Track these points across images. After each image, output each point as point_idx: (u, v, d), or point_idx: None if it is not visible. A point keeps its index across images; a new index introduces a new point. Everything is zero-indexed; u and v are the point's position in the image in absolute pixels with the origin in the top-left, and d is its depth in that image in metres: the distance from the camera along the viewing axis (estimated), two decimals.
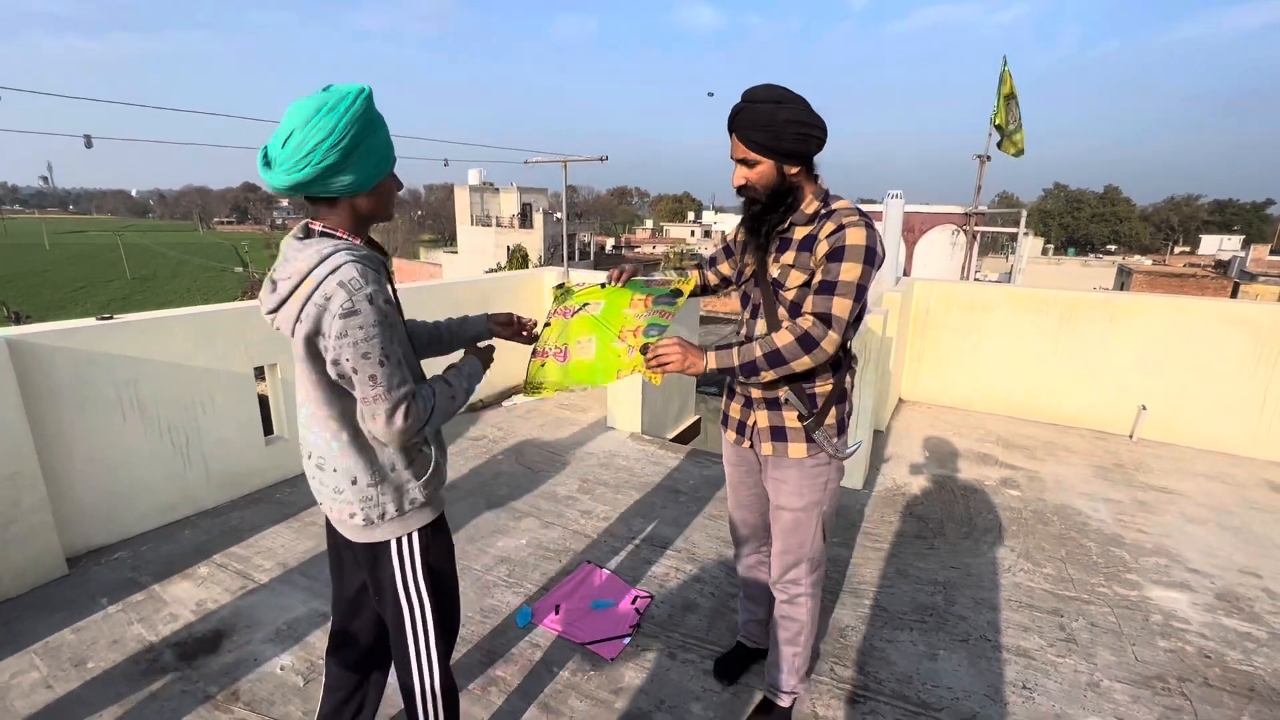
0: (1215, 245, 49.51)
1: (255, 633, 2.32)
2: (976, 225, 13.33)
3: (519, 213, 40.43)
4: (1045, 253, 45.52)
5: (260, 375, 3.43)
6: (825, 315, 1.53)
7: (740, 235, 1.80)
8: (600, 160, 5.57)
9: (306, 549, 2.87)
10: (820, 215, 1.60)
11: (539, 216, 37.72)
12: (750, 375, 1.60)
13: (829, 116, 1.56)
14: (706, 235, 62.14)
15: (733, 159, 1.61)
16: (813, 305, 1.55)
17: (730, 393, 1.88)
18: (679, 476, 3.74)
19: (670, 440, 4.48)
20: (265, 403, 3.51)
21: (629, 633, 2.37)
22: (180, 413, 3.04)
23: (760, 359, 1.57)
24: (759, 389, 1.74)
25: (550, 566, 2.80)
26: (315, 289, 1.18)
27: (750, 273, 1.76)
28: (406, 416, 1.25)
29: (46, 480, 2.56)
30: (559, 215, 35.90)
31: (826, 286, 1.54)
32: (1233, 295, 23.13)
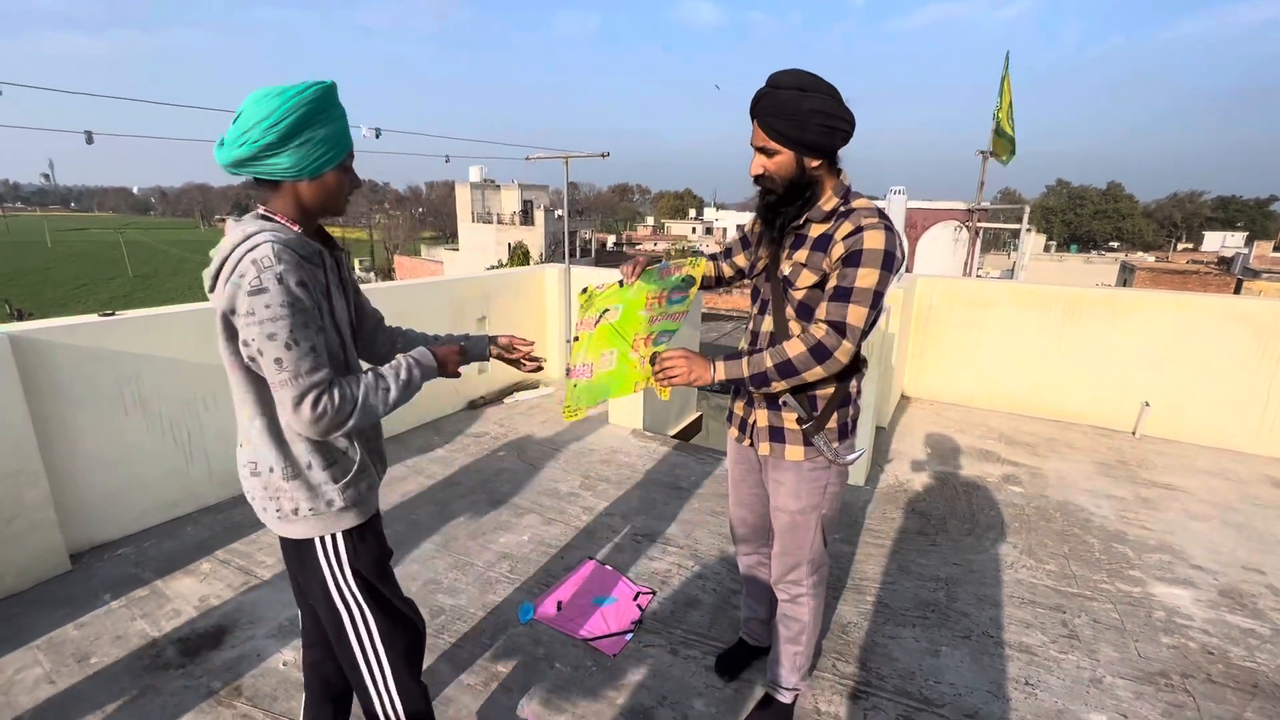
0: (1219, 242, 49.40)
1: (257, 628, 2.33)
2: (979, 222, 13.30)
3: (520, 210, 40.47)
4: (1048, 249, 45.41)
5: None
6: (840, 324, 1.46)
7: (757, 226, 1.74)
8: (602, 156, 5.55)
9: None
10: (838, 214, 1.52)
11: (540, 213, 37.77)
12: (761, 386, 1.55)
13: None
14: (708, 232, 62.05)
15: (752, 146, 1.54)
16: (827, 312, 1.48)
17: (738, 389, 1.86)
18: (681, 473, 3.74)
19: (672, 437, 4.48)
20: None
21: (631, 629, 2.37)
22: (182, 409, 3.04)
23: (771, 369, 1.51)
24: None
25: (552, 563, 2.80)
26: (235, 267, 1.18)
27: (763, 266, 1.70)
28: (316, 406, 1.18)
29: (49, 476, 2.56)
30: (560, 212, 35.89)
31: (842, 293, 1.47)
32: (1236, 292, 23.07)
